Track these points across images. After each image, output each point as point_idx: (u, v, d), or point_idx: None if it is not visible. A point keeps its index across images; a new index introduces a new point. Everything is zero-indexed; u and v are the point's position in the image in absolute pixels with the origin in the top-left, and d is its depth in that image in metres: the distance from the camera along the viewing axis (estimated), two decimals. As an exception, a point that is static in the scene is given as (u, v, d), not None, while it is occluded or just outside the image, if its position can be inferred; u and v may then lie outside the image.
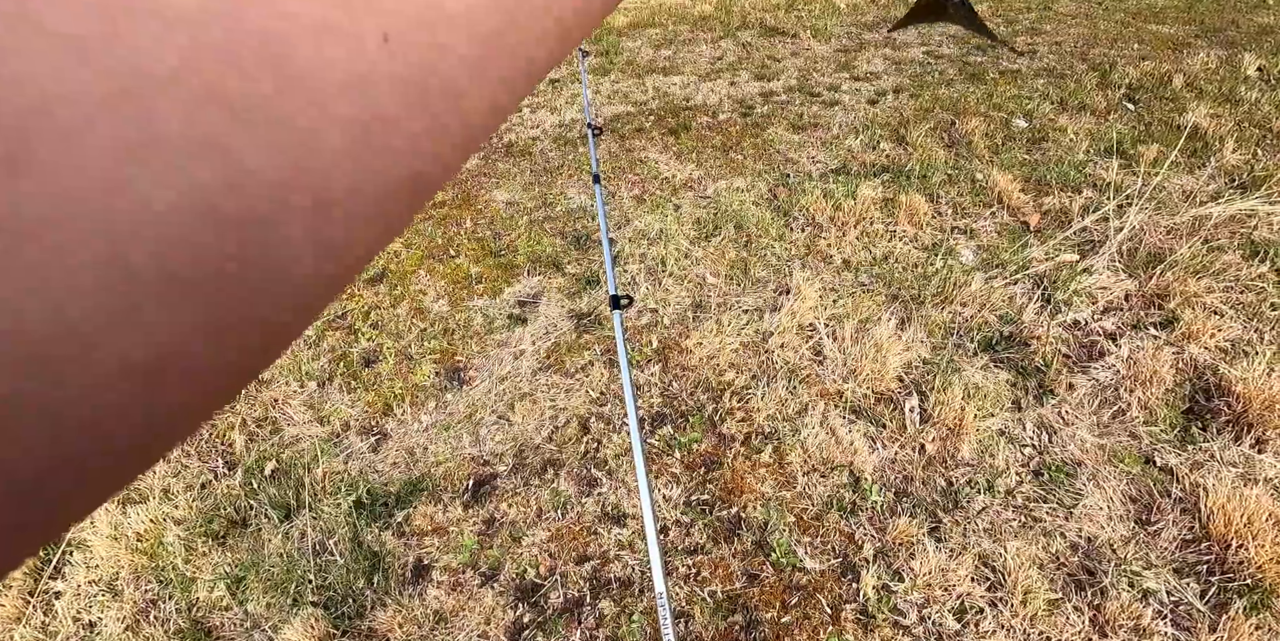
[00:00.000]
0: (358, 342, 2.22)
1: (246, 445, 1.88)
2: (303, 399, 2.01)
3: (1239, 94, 3.42)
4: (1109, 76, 3.63)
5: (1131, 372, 1.85)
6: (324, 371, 2.10)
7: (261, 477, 1.77)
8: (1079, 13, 4.98)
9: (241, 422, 1.94)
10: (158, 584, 1.55)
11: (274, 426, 1.94)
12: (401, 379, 2.02)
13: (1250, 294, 2.13)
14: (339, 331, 2.30)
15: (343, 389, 2.04)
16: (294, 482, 1.74)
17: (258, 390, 2.05)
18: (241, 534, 1.64)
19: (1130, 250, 2.27)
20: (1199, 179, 2.69)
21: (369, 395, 1.99)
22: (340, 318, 2.37)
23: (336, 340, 2.25)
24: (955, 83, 3.63)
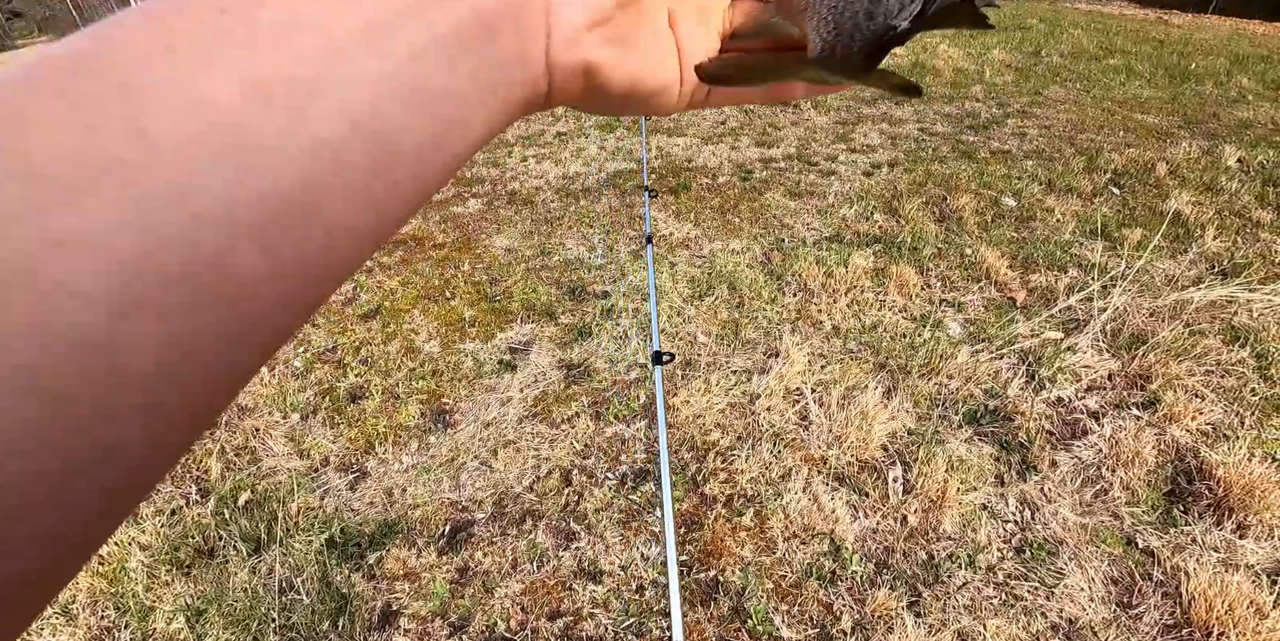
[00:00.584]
0: (346, 377, 2.26)
1: (223, 473, 1.89)
2: (284, 430, 2.03)
3: (1220, 183, 3.62)
4: (1095, 161, 3.85)
5: (1114, 452, 1.90)
6: (309, 404, 2.13)
7: (234, 508, 1.77)
8: (1068, 99, 5.31)
9: (220, 450, 1.95)
10: (115, 610, 1.53)
11: (252, 456, 1.95)
12: (386, 417, 2.05)
13: (1231, 378, 2.21)
14: (328, 365, 2.34)
15: (326, 423, 2.06)
16: (267, 515, 1.74)
17: (240, 418, 2.07)
18: (208, 564, 1.63)
19: (1114, 330, 2.36)
20: (1181, 264, 2.83)
21: (352, 431, 2.01)
22: (330, 351, 2.42)
23: (325, 373, 2.29)
24: (948, 159, 3.84)
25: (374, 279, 2.87)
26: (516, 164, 4.09)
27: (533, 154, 4.22)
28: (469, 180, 3.88)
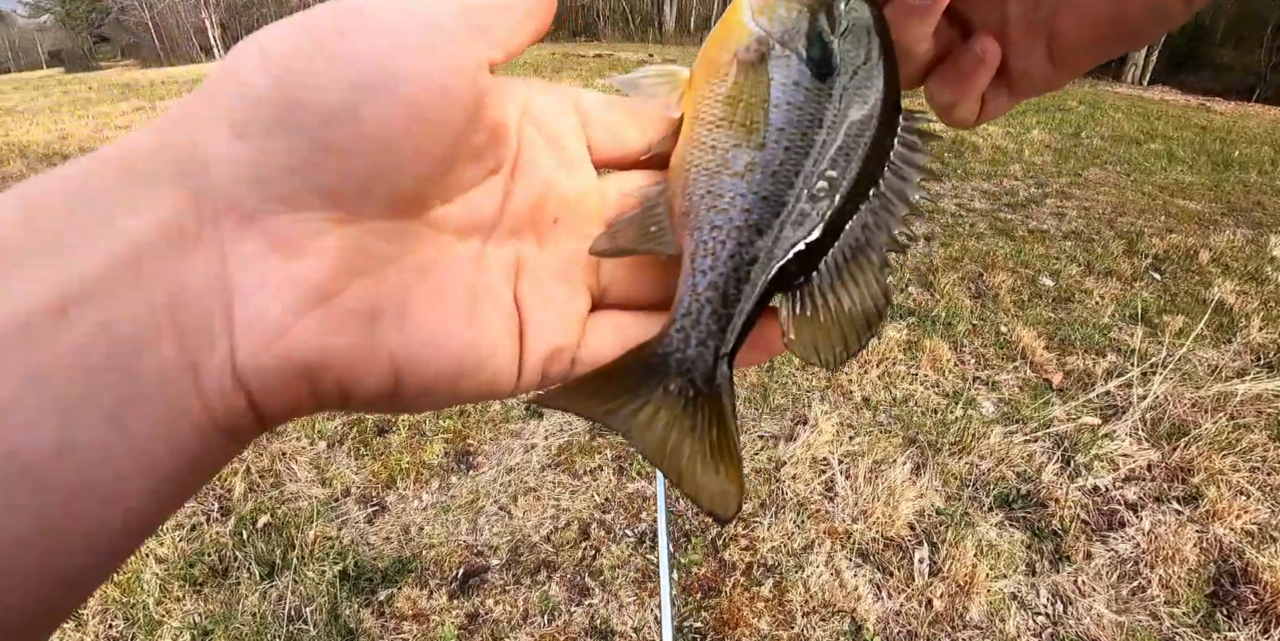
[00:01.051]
0: None
1: (245, 493, 1.93)
2: (310, 457, 2.08)
3: (1265, 274, 3.61)
4: (1136, 245, 3.87)
5: (1153, 547, 1.85)
6: (337, 433, 2.19)
7: (253, 529, 1.81)
8: (1108, 182, 5.38)
9: (246, 470, 2.00)
10: (124, 621, 1.56)
11: (276, 480, 2.00)
12: (411, 453, 2.10)
13: (1278, 476, 2.15)
14: None
15: (351, 453, 2.11)
16: (284, 541, 1.77)
17: (269, 440, 2.13)
18: (220, 584, 1.65)
19: (1154, 419, 2.33)
20: (1225, 354, 2.80)
21: (375, 464, 2.06)
22: None
23: None
24: (985, 236, 3.90)
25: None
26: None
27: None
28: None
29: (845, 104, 0.26)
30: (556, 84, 0.26)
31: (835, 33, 0.26)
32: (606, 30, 27.75)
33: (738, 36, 0.26)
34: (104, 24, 30.03)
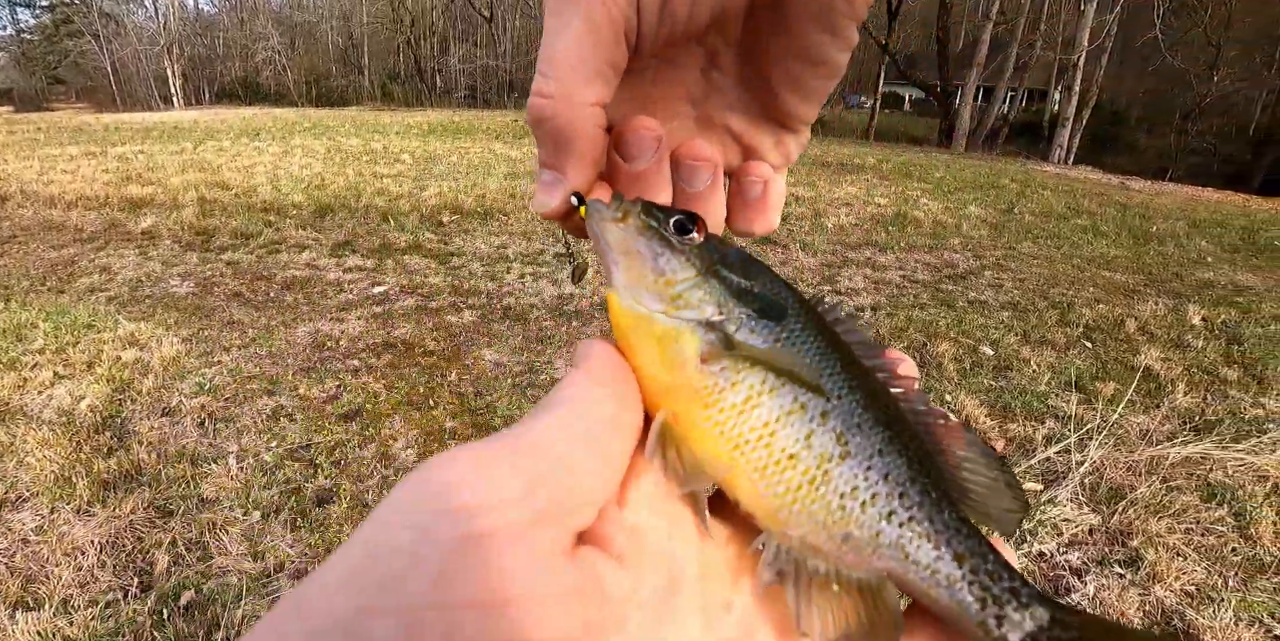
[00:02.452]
0: (315, 478, 2.30)
1: (169, 567, 1.87)
2: (242, 528, 2.04)
3: (1186, 341, 3.96)
4: (1068, 315, 4.22)
5: (1099, 613, 1.95)
6: (272, 503, 2.15)
7: (175, 608, 1.74)
8: (1040, 255, 5.89)
9: (171, 541, 1.94)
10: None
11: (203, 552, 1.94)
12: (351, 525, 2.07)
13: (1211, 537, 2.32)
14: (299, 463, 2.39)
15: (287, 525, 2.07)
16: (208, 620, 1.71)
17: (198, 509, 2.08)
18: None
19: (1092, 484, 2.50)
20: (1155, 419, 3.04)
21: (313, 536, 2.02)
22: (304, 449, 2.47)
23: (295, 471, 2.33)
24: (928, 307, 4.20)
25: (359, 379, 3.00)
26: (514, 280, 4.40)
27: (530, 272, 4.55)
28: (466, 291, 4.15)
29: (814, 322, 0.27)
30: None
31: (738, 273, 0.27)
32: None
33: (682, 342, 0.25)
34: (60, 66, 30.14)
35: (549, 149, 0.27)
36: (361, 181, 7.32)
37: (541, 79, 0.25)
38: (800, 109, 0.29)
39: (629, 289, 0.27)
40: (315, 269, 4.50)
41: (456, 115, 19.32)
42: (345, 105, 26.70)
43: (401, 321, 3.69)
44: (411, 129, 13.98)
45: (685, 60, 0.29)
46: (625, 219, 0.27)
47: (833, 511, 0.25)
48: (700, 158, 0.30)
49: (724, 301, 0.26)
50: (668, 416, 0.25)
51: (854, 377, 0.26)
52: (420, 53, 32.46)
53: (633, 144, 0.28)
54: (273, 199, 6.36)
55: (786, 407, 0.25)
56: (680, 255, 0.27)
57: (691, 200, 0.30)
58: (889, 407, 0.27)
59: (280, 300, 3.96)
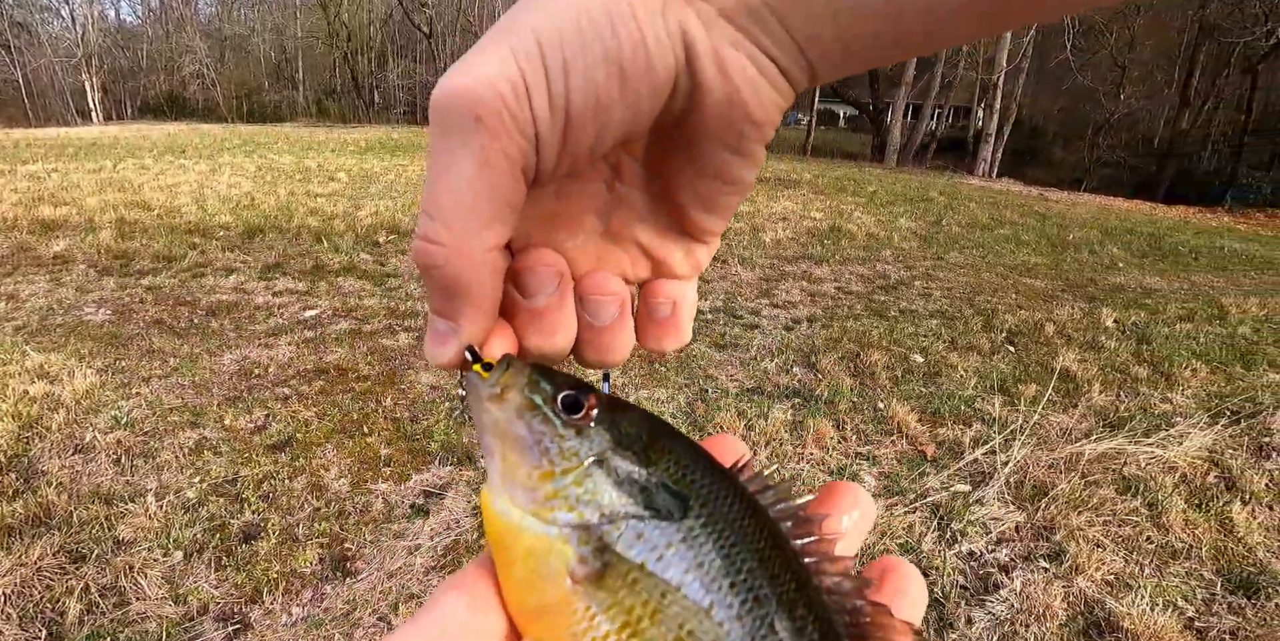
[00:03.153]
0: (242, 513, 2.21)
1: (81, 616, 1.76)
2: (162, 570, 1.94)
3: (1100, 342, 4.21)
4: (992, 321, 4.43)
5: (1026, 606, 2.04)
6: (195, 542, 2.05)
7: None
8: (966, 264, 6.17)
9: (84, 588, 1.83)
10: None
11: (120, 598, 1.83)
12: (280, 561, 2.00)
13: (1127, 528, 2.46)
14: (224, 498, 2.29)
15: (211, 565, 1.98)
16: None
17: (113, 552, 1.97)
18: None
19: (1017, 483, 2.62)
20: (1072, 417, 3.21)
21: (239, 575, 1.94)
22: (230, 483, 2.37)
23: (219, 507, 2.23)
24: (861, 317, 4.35)
25: (289, 408, 2.90)
26: (453, 305, 4.34)
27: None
28: (402, 313, 4.07)
29: (721, 516, 0.24)
30: None
31: (635, 456, 0.24)
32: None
33: (552, 558, 0.22)
34: (-33, 80, 28.36)
35: (440, 297, 0.25)
36: (294, 201, 7.12)
37: (428, 222, 0.23)
38: (709, 223, 0.28)
39: (502, 483, 0.23)
40: (243, 293, 4.34)
41: (395, 132, 19.03)
42: (278, 121, 25.97)
43: (334, 346, 3.59)
44: (348, 146, 13.69)
45: (590, 175, 0.27)
46: (504, 395, 0.24)
47: None
48: (606, 292, 0.28)
49: (610, 499, 0.23)
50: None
51: (767, 582, 0.23)
52: (358, 68, 31.89)
53: (531, 281, 0.27)
54: (198, 220, 6.11)
55: (671, 635, 0.21)
56: (564, 440, 0.23)
57: (598, 333, 0.28)
58: (809, 618, 0.23)
59: (205, 326, 3.80)
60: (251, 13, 36.50)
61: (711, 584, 0.22)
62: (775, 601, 0.23)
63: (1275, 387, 3.75)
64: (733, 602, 0.22)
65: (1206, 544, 2.40)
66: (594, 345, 0.29)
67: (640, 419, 0.25)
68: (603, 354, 0.29)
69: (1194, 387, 3.65)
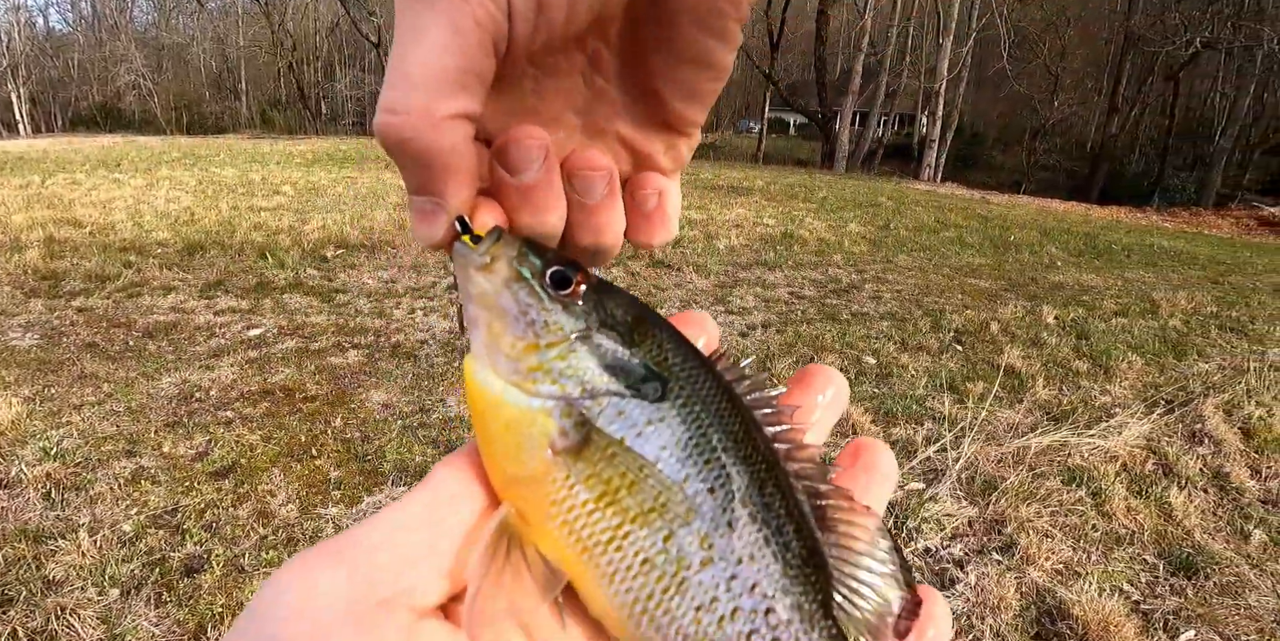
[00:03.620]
0: (183, 546, 2.11)
1: None
2: (98, 610, 1.83)
3: (1042, 338, 4.37)
4: (940, 321, 4.56)
5: (981, 599, 2.09)
6: (133, 578, 1.95)
7: None
8: (914, 267, 6.35)
9: (10, 633, 1.71)
10: None
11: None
12: (225, 594, 1.91)
13: (1073, 517, 2.54)
14: (164, 530, 2.18)
15: (151, 601, 1.88)
16: None
17: (43, 593, 1.85)
18: None
19: (968, 478, 2.69)
20: (1018, 412, 3.32)
21: (181, 612, 1.85)
22: (169, 514, 2.26)
23: (159, 540, 2.13)
24: (815, 321, 4.42)
25: (232, 432, 2.78)
26: (404, 316, 4.25)
27: (421, 306, 4.42)
28: (352, 329, 3.97)
29: (699, 400, 0.24)
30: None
31: (620, 336, 0.24)
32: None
33: (533, 429, 0.23)
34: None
35: (415, 173, 0.24)
36: (237, 215, 6.89)
37: (391, 92, 0.22)
38: (689, 112, 0.28)
39: (487, 354, 0.24)
40: (182, 312, 4.17)
41: (344, 143, 18.64)
42: (220, 133, 25.17)
43: (280, 365, 3.47)
44: (294, 158, 13.34)
45: (566, 67, 0.27)
46: (492, 265, 0.24)
47: (685, 626, 0.22)
48: (594, 166, 0.28)
49: (593, 375, 0.23)
50: (511, 515, 0.23)
51: (738, 462, 0.24)
52: (303, 78, 31.16)
53: (517, 155, 0.26)
54: (134, 237, 5.86)
55: (646, 505, 0.22)
56: (551, 314, 0.24)
57: (588, 213, 0.28)
58: (777, 495, 0.24)
59: (141, 349, 3.64)
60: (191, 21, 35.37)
61: (686, 460, 0.23)
62: (745, 480, 0.23)
63: (1205, 377, 3.95)
64: (705, 478, 0.23)
65: (1148, 529, 2.50)
66: (586, 226, 0.28)
67: (626, 301, 0.26)
68: (596, 235, 0.28)
69: (1130, 379, 3.82)
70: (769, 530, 0.23)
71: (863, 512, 0.25)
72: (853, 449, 0.31)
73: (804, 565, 0.24)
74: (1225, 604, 2.15)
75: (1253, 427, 3.31)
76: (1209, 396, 3.57)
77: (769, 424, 0.26)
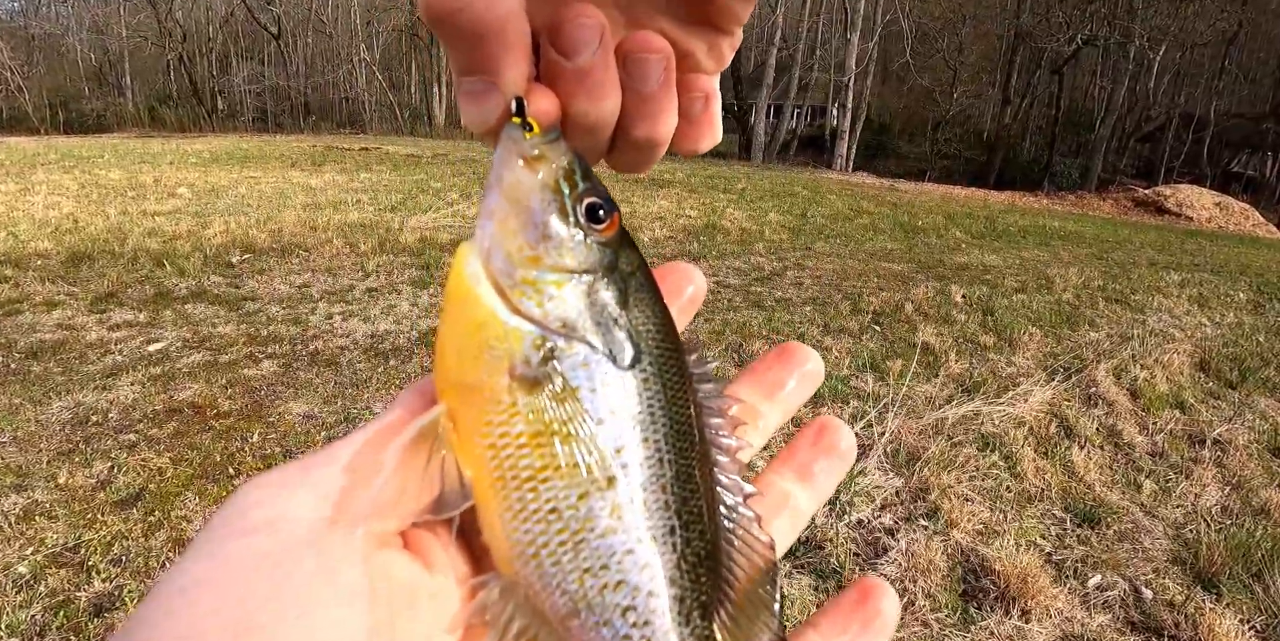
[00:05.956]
0: (89, 584, 1.94)
1: None
2: None
3: (952, 316, 4.63)
4: (858, 304, 4.75)
5: (912, 564, 2.20)
6: (34, 624, 1.79)
7: None
8: (832, 253, 6.58)
9: None
10: None
11: None
12: None
13: (989, 480, 2.70)
14: (66, 569, 2.00)
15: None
16: None
17: None
18: None
19: (893, 451, 2.82)
20: (935, 386, 3.50)
21: None
22: (71, 550, 2.08)
23: (61, 580, 1.95)
24: (741, 309, 4.52)
25: (137, 456, 2.58)
26: (321, 321, 4.06)
27: (340, 311, 4.23)
28: (264, 338, 3.75)
29: (660, 382, 0.24)
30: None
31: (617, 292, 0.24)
32: (373, 123, 27.70)
33: (500, 343, 0.22)
34: None
35: (467, 49, 0.22)
36: (127, 221, 6.38)
37: None
38: (734, 5, 0.26)
39: (489, 246, 0.23)
40: (70, 329, 3.83)
41: (244, 141, 17.55)
42: (103, 132, 23.22)
43: (187, 381, 3.24)
44: (189, 158, 12.46)
45: None
46: (538, 163, 0.23)
47: (571, 582, 0.22)
48: (651, 48, 0.26)
49: (577, 317, 0.23)
50: (444, 418, 0.23)
51: (673, 451, 0.24)
52: (196, 71, 29.11)
53: (573, 35, 0.24)
54: (9, 248, 5.33)
55: (574, 460, 0.22)
56: (569, 240, 0.23)
57: (644, 101, 0.26)
58: (697, 495, 0.24)
59: (25, 371, 3.32)
60: (65, 9, 32.30)
61: (628, 432, 0.23)
62: (673, 471, 0.24)
63: (1096, 345, 4.28)
64: (638, 455, 0.23)
65: (1055, 486, 2.69)
66: (642, 115, 0.26)
67: (639, 263, 0.25)
68: (652, 125, 0.26)
69: (1032, 350, 4.10)
70: (678, 522, 0.24)
71: (763, 545, 0.26)
72: (817, 428, 0.32)
73: (699, 565, 0.24)
74: (1125, 548, 2.35)
75: (1139, 388, 3.63)
76: (1100, 362, 3.89)
77: (714, 428, 0.26)
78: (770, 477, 0.31)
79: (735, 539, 0.25)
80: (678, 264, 0.32)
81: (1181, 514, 2.60)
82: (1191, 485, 2.79)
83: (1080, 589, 2.15)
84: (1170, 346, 4.28)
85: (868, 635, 0.28)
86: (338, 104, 30.28)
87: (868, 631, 0.28)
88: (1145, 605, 2.10)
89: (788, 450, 0.33)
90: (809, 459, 0.31)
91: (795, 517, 0.31)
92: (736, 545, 0.25)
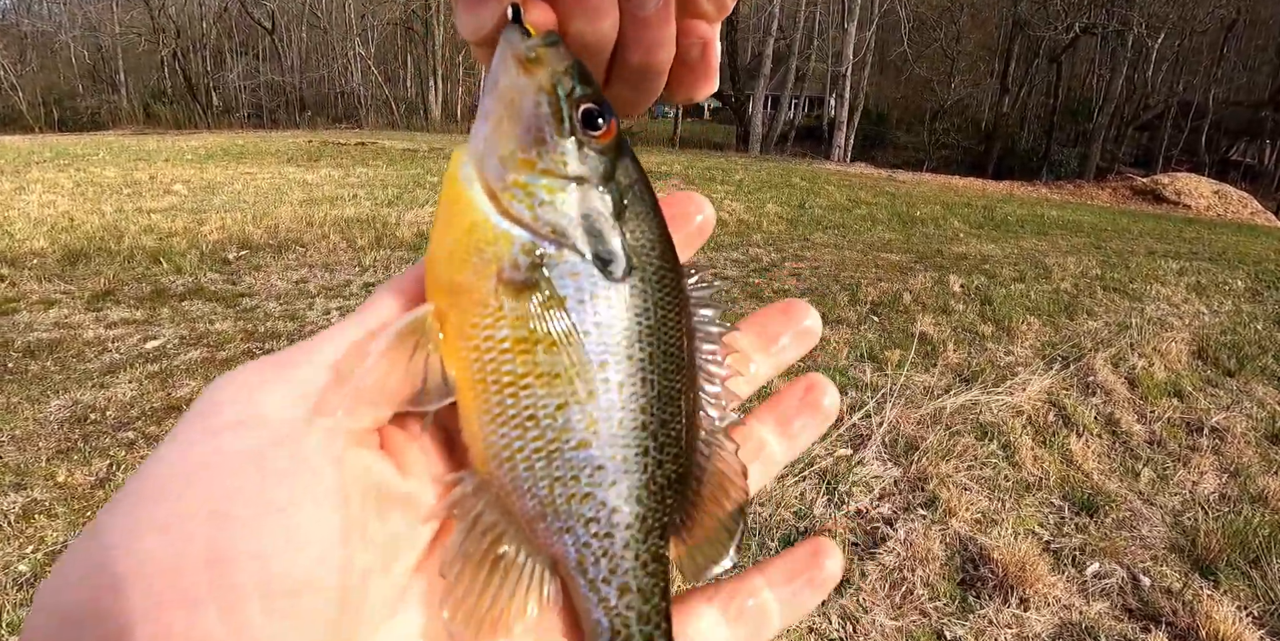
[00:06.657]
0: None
1: None
2: None
3: (950, 306, 4.62)
4: (856, 295, 4.74)
5: (910, 553, 2.20)
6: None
7: None
8: (830, 244, 6.56)
9: None
10: None
11: None
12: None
13: (987, 469, 2.71)
14: None
15: None
16: None
17: None
18: None
19: (891, 441, 2.82)
20: (933, 376, 3.50)
21: None
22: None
23: None
24: (739, 301, 4.51)
25: (136, 453, 2.58)
26: (318, 317, 4.05)
27: (337, 306, 4.22)
28: (262, 335, 3.75)
29: (651, 300, 0.24)
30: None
31: (613, 202, 0.23)
32: (369, 117, 27.55)
33: (490, 247, 0.22)
34: None
35: None
36: (123, 218, 6.35)
37: None
38: None
39: (483, 149, 0.22)
40: (68, 328, 3.82)
41: (240, 137, 17.47)
42: (97, 130, 23.10)
43: (185, 378, 3.23)
44: (184, 154, 12.40)
45: None
46: (535, 66, 0.22)
47: (541, 488, 0.23)
48: None
49: (568, 224, 0.22)
50: (431, 317, 0.22)
51: (657, 370, 0.24)
52: (191, 68, 28.91)
53: None
54: (5, 247, 5.31)
55: (555, 370, 0.22)
56: (562, 144, 0.23)
57: (641, 26, 0.25)
58: (677, 417, 0.24)
59: (22, 371, 3.31)
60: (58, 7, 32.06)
61: (612, 347, 0.22)
62: (655, 390, 0.23)
63: (1094, 334, 4.28)
64: (621, 371, 0.23)
65: (1053, 475, 2.70)
66: (638, 41, 0.26)
67: (638, 176, 0.25)
68: (647, 52, 0.26)
69: (1030, 339, 4.09)
70: (653, 444, 0.24)
71: (736, 474, 0.26)
72: (805, 384, 0.32)
73: (666, 488, 0.24)
74: (1123, 536, 2.35)
75: (1137, 377, 3.62)
76: (1098, 351, 3.88)
77: (705, 353, 0.26)
78: (751, 423, 0.31)
79: (711, 466, 0.25)
80: (688, 192, 0.32)
81: (1179, 501, 2.60)
82: (1189, 473, 2.80)
83: (1078, 577, 2.15)
84: (1168, 335, 4.28)
85: (810, 589, 0.29)
86: (333, 99, 30.12)
87: (810, 586, 0.29)
88: (1143, 592, 2.10)
89: (773, 400, 0.33)
90: (792, 413, 0.32)
91: (767, 466, 0.32)
92: (711, 472, 0.25)
